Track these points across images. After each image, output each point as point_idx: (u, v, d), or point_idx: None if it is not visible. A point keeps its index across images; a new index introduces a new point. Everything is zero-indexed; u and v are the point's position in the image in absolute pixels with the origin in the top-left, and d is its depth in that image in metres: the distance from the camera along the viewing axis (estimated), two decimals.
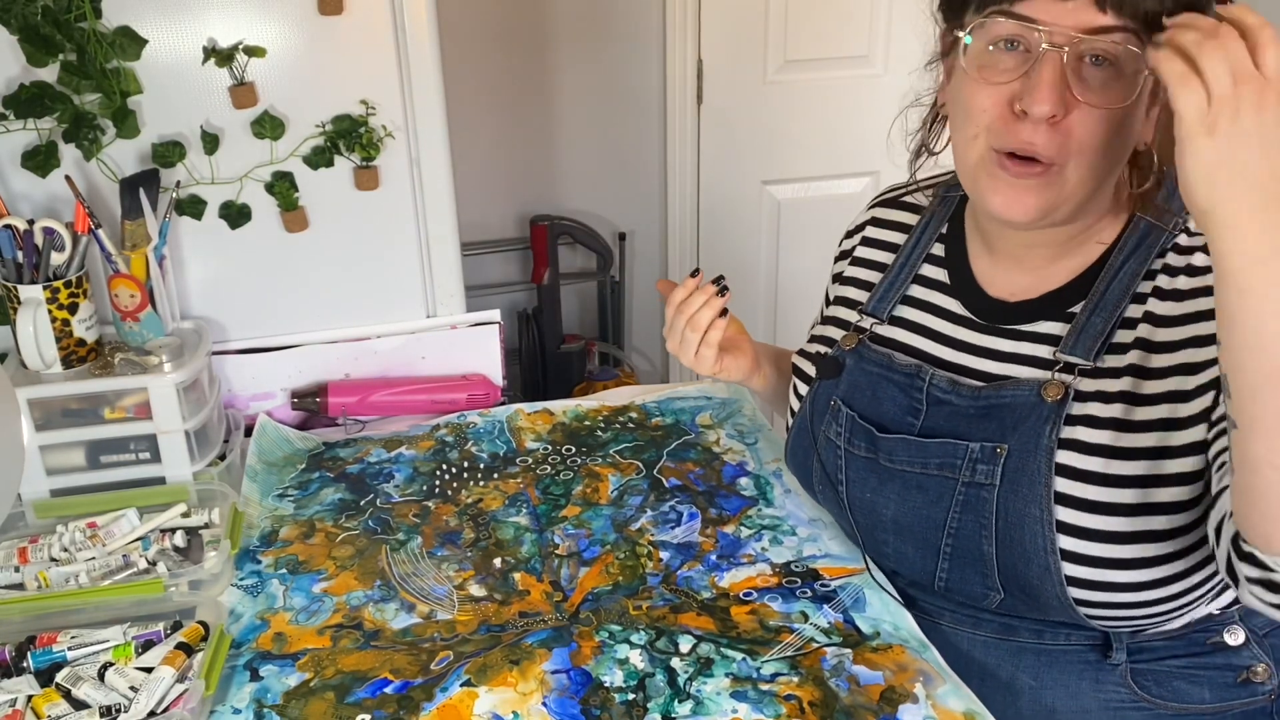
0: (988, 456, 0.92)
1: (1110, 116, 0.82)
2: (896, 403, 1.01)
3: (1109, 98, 0.82)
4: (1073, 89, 0.82)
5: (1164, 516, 0.87)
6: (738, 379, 1.18)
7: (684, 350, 1.11)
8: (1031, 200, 0.87)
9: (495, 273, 2.78)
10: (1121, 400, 0.89)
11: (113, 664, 0.96)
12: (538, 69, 2.63)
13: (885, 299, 1.07)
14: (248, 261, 1.43)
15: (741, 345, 1.17)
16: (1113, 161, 0.87)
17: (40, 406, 1.21)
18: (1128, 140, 0.86)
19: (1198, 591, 0.91)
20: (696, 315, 1.09)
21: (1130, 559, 0.88)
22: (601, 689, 0.94)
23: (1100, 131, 0.83)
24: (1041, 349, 0.95)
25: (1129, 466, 0.87)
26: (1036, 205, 0.87)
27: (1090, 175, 0.86)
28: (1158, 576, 0.88)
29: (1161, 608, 0.91)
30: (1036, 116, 0.82)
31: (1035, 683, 1.00)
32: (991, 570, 0.94)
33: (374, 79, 1.39)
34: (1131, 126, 0.85)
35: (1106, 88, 0.82)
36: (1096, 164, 0.86)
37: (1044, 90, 0.81)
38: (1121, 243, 0.93)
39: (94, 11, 1.25)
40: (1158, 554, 0.88)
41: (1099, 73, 0.82)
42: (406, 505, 1.25)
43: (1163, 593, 0.89)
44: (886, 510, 1.00)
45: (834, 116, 2.78)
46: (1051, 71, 0.81)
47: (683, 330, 1.09)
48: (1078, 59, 0.81)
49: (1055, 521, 0.89)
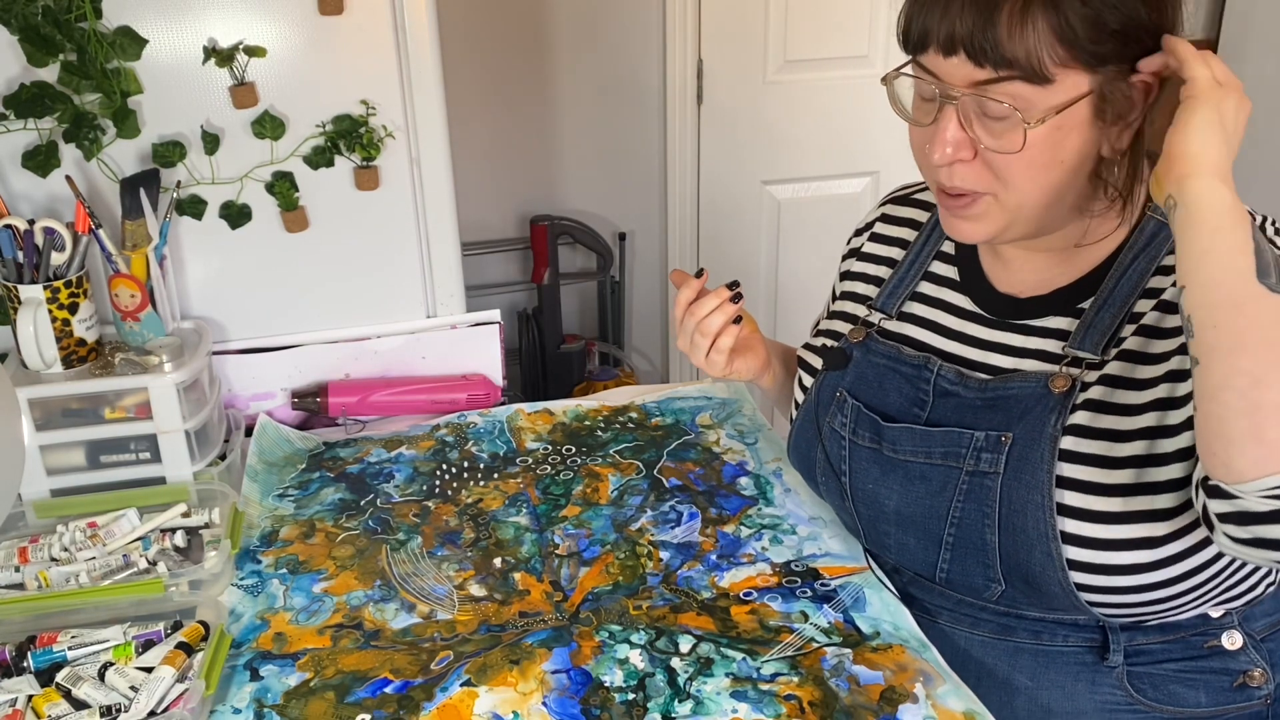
0: (992, 445, 0.93)
1: (1028, 149, 0.85)
2: (903, 394, 1.01)
3: (1006, 143, 0.85)
4: (975, 134, 0.86)
5: (1163, 495, 0.87)
6: (748, 379, 1.18)
7: (694, 353, 1.10)
8: (976, 226, 0.92)
9: (495, 273, 2.78)
10: (1123, 386, 0.89)
11: (113, 664, 0.96)
12: (538, 69, 2.63)
13: (895, 294, 1.07)
14: (248, 261, 1.43)
15: (754, 345, 1.16)
16: (1051, 180, 0.87)
17: (40, 406, 1.21)
18: (1065, 156, 0.86)
19: (1198, 578, 0.91)
20: (707, 320, 1.08)
21: (1130, 539, 0.88)
22: (601, 689, 0.95)
23: (1016, 163, 0.86)
24: (1050, 343, 0.95)
25: (1128, 448, 0.88)
26: (984, 230, 0.92)
27: (1031, 196, 0.88)
28: (1158, 558, 0.88)
29: (1162, 593, 0.90)
30: (936, 161, 0.88)
31: (1032, 683, 1.00)
32: (994, 560, 0.94)
33: (374, 79, 1.39)
34: (1058, 146, 0.85)
35: (1003, 135, 0.85)
36: (1030, 187, 0.88)
37: (941, 140, 0.87)
38: (1131, 242, 0.93)
39: (94, 11, 1.25)
40: (1157, 534, 0.88)
41: (994, 121, 0.85)
42: (406, 505, 1.25)
43: (1163, 575, 0.89)
44: (889, 501, 1.01)
45: (834, 116, 2.78)
46: (949, 122, 0.86)
47: (692, 333, 1.09)
48: (976, 107, 0.85)
49: (1059, 505, 0.89)
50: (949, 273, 1.05)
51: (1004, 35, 0.81)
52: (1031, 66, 0.82)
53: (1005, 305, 0.99)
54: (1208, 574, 0.91)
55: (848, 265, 1.17)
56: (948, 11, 0.83)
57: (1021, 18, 0.81)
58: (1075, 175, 0.88)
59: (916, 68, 0.88)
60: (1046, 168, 0.86)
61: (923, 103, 0.90)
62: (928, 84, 0.87)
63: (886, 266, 1.11)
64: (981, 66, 0.83)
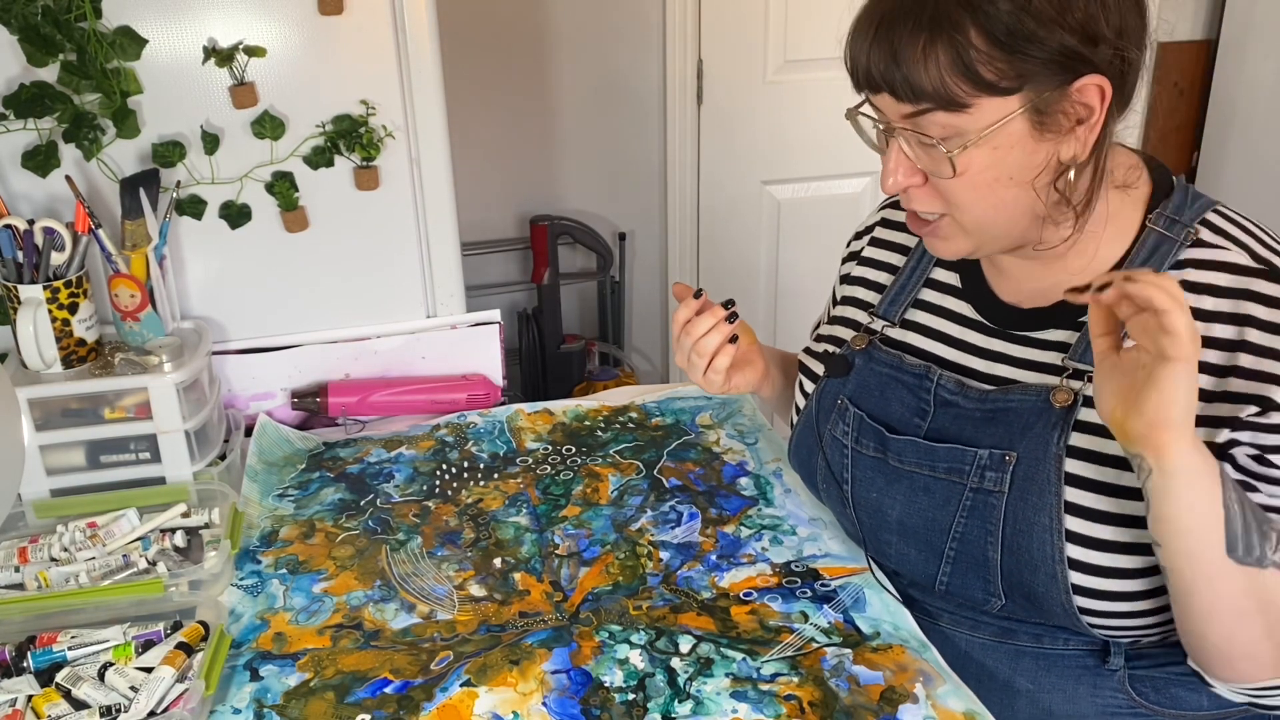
0: (996, 464, 0.92)
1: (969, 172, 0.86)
2: (904, 403, 1.01)
3: (943, 169, 0.87)
4: (918, 163, 0.89)
5: None
6: (746, 392, 1.19)
7: (692, 371, 1.11)
8: (948, 244, 0.94)
9: (495, 273, 2.78)
10: None
11: (113, 664, 0.96)
12: (538, 69, 2.63)
13: (897, 302, 1.07)
14: (248, 261, 1.43)
15: (752, 359, 1.16)
16: (1001, 197, 0.87)
17: (40, 406, 1.21)
18: (1011, 172, 0.86)
19: None
20: (703, 340, 1.07)
21: (1137, 569, 0.88)
22: (601, 689, 0.95)
23: (958, 186, 0.87)
24: (1051, 355, 0.94)
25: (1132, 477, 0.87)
26: (956, 248, 0.94)
27: (984, 214, 0.89)
28: (1162, 586, 0.88)
29: (1164, 616, 0.90)
30: (885, 189, 0.92)
31: (1033, 686, 1.00)
32: (994, 576, 0.94)
33: (374, 79, 1.39)
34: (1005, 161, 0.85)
35: (939, 161, 0.87)
36: (980, 207, 0.88)
37: (887, 170, 0.91)
38: (1132, 255, 0.92)
39: (94, 11, 1.25)
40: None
41: (929, 149, 0.87)
42: (406, 505, 1.25)
43: (1166, 602, 0.89)
44: (892, 511, 1.00)
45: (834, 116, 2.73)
46: (894, 152, 0.90)
47: (689, 352, 1.09)
48: (914, 138, 0.87)
49: (1065, 530, 0.89)
50: (951, 279, 1.05)
51: (910, 72, 0.83)
52: (946, 97, 0.83)
53: (1007, 315, 0.99)
54: None
55: (848, 269, 1.16)
56: (867, 52, 0.86)
57: (924, 54, 0.82)
58: (1028, 189, 0.87)
59: (866, 103, 0.91)
60: (991, 186, 0.87)
61: (880, 134, 0.92)
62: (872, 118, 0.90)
63: (888, 272, 1.10)
64: (902, 101, 0.85)
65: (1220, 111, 2.88)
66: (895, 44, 0.83)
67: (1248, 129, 2.81)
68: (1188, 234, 0.90)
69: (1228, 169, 2.87)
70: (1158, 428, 0.78)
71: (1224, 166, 2.88)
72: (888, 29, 0.84)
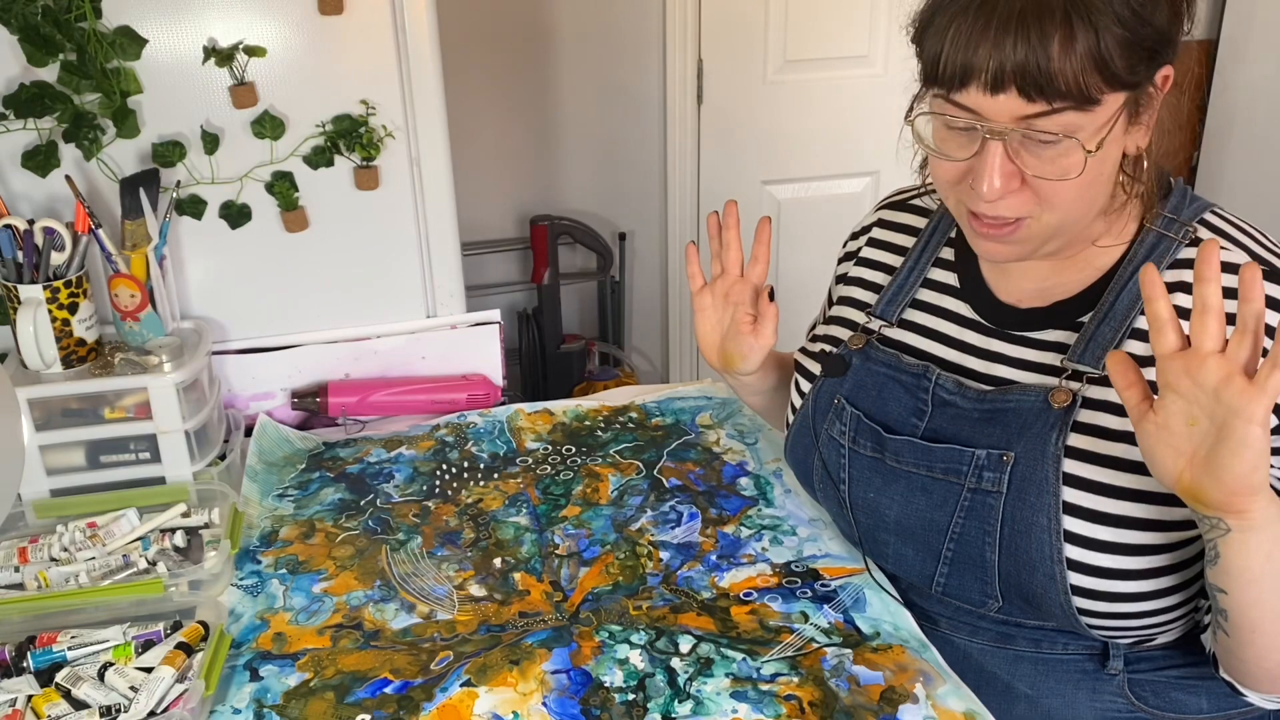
0: (994, 464, 0.92)
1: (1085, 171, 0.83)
2: (901, 403, 1.01)
3: (1060, 169, 0.83)
4: (1023, 166, 0.83)
5: (1176, 531, 0.87)
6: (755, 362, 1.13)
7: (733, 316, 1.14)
8: (1011, 248, 0.90)
9: (495, 273, 2.78)
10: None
11: (113, 664, 0.96)
12: (538, 69, 2.63)
13: (894, 302, 1.06)
14: (248, 261, 1.43)
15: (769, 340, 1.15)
16: (1095, 194, 0.86)
17: (40, 406, 1.21)
18: (1105, 170, 0.85)
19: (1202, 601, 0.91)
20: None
21: (1136, 569, 0.88)
22: (601, 689, 0.94)
23: (1068, 186, 0.84)
24: (1049, 356, 0.94)
25: (1142, 481, 0.87)
26: (1018, 251, 0.90)
27: (1070, 215, 0.87)
28: (1162, 587, 0.88)
29: (1163, 617, 0.90)
30: (986, 197, 0.85)
31: (1032, 691, 1.00)
32: (992, 577, 0.94)
33: (374, 79, 1.39)
34: (1104, 160, 0.84)
35: (1055, 161, 0.83)
36: (1077, 205, 0.86)
37: (988, 176, 0.83)
38: (1131, 254, 0.92)
39: (94, 11, 1.25)
40: (1163, 565, 0.88)
41: (1046, 149, 0.82)
42: (406, 505, 1.25)
43: (1166, 602, 0.89)
44: (889, 511, 1.00)
45: (834, 116, 2.78)
46: (996, 156, 0.83)
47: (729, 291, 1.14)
48: (1022, 138, 0.82)
49: (1064, 531, 0.89)
50: (949, 279, 1.04)
51: (1055, 68, 0.78)
52: (1082, 95, 0.79)
53: (1005, 315, 0.98)
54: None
55: (844, 269, 1.16)
56: (998, 47, 0.79)
57: (1066, 48, 0.78)
58: (1110, 184, 0.87)
59: (948, 104, 0.84)
60: (1091, 185, 0.84)
61: (951, 134, 0.86)
62: (964, 120, 0.84)
63: (884, 273, 1.10)
64: (1033, 101, 0.80)
65: (1220, 111, 2.88)
66: (1042, 38, 0.78)
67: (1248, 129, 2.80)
68: (1186, 233, 0.90)
69: (1228, 168, 2.87)
70: (1240, 495, 0.75)
71: (1224, 166, 2.88)
72: (1023, 24, 0.78)
